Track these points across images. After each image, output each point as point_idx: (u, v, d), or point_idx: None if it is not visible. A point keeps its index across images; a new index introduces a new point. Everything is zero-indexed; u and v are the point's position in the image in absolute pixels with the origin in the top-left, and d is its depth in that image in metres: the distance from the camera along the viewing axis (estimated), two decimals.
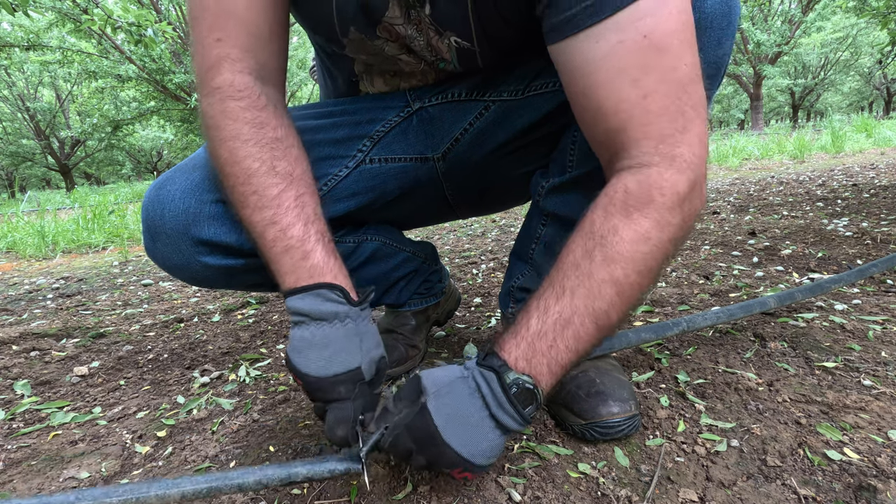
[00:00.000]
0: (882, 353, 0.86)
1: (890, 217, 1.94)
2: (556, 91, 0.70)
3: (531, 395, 0.52)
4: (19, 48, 9.91)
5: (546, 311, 0.53)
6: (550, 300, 0.54)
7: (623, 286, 0.52)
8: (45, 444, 0.78)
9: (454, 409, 0.53)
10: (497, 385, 0.52)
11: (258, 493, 0.62)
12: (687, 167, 0.52)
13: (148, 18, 3.06)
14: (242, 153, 0.59)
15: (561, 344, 0.52)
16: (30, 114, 16.88)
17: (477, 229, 2.70)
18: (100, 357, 1.15)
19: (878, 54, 14.96)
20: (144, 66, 9.48)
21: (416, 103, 0.79)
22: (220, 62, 0.60)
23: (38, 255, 2.96)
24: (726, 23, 0.57)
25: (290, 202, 0.59)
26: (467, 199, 0.91)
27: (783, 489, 0.57)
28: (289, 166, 0.61)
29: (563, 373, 0.54)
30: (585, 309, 0.52)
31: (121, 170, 24.86)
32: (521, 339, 0.53)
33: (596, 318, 0.52)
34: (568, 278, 0.53)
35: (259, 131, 0.60)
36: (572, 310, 0.52)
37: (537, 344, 0.53)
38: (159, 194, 0.68)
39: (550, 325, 0.52)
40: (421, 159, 0.81)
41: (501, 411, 0.52)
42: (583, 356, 0.54)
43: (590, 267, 0.52)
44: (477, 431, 0.52)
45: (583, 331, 0.52)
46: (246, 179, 0.59)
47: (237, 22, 0.60)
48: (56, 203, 7.50)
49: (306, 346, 0.58)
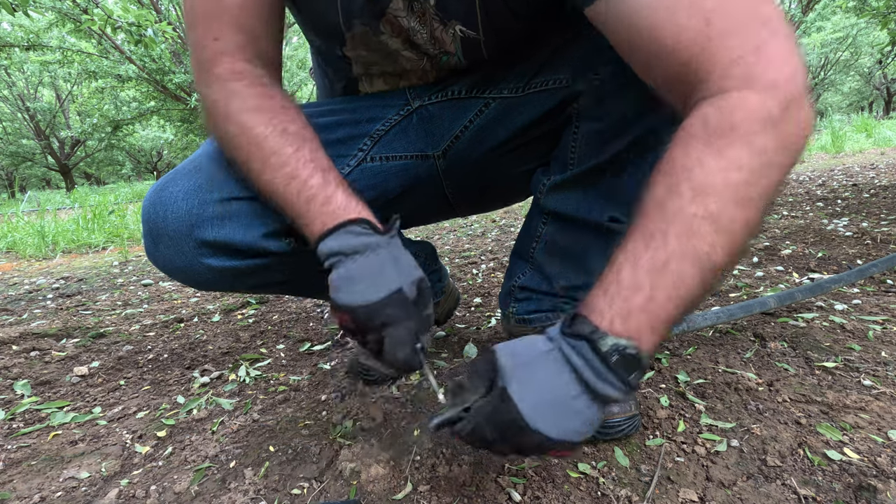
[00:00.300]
0: (882, 353, 0.86)
1: (890, 217, 1.94)
2: (557, 89, 0.70)
3: (635, 362, 0.46)
4: (19, 48, 9.91)
5: (637, 261, 0.47)
6: (639, 247, 0.47)
7: (721, 221, 0.45)
8: (45, 444, 0.78)
9: (542, 391, 0.47)
10: (592, 354, 0.46)
11: (258, 493, 0.62)
12: (771, 86, 0.45)
13: (148, 18, 3.06)
14: (253, 121, 0.61)
15: (661, 294, 0.45)
16: (30, 114, 16.88)
17: (477, 229, 2.70)
18: (100, 357, 1.15)
19: (878, 54, 14.96)
20: (144, 66, 9.48)
21: (415, 101, 0.79)
22: (218, 55, 0.63)
23: (38, 255, 2.96)
24: None
25: (307, 156, 0.61)
26: (467, 197, 0.91)
27: (783, 489, 0.57)
28: (297, 127, 0.63)
29: (666, 330, 0.47)
30: (682, 250, 0.45)
31: (121, 170, 24.86)
32: (614, 295, 0.47)
33: (696, 258, 0.45)
34: (654, 221, 0.47)
35: (265, 101, 0.63)
36: (667, 253, 0.45)
37: (633, 298, 0.46)
38: (160, 197, 0.68)
39: (645, 275, 0.46)
40: (421, 157, 0.81)
41: (602, 382, 0.46)
42: (688, 308, 0.47)
43: (678, 203, 0.46)
44: (571, 411, 0.47)
45: (684, 275, 0.45)
46: (261, 143, 0.61)
47: (232, 22, 0.63)
48: (56, 203, 7.50)
49: (345, 281, 0.57)
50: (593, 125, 0.69)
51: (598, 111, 0.67)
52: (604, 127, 0.67)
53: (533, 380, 0.47)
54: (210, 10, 0.63)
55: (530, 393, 0.47)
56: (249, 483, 0.64)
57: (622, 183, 0.70)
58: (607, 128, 0.67)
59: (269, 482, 0.64)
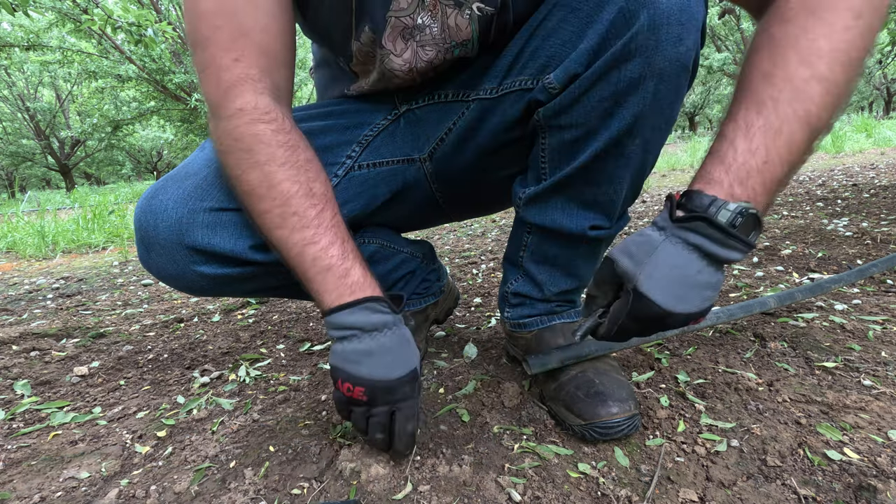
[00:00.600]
0: (882, 353, 0.86)
1: (890, 217, 1.94)
2: (524, 90, 0.67)
3: (755, 221, 0.49)
4: (19, 48, 9.91)
5: (749, 128, 0.49)
6: (751, 115, 0.50)
7: (830, 82, 0.48)
8: (45, 444, 0.78)
9: (671, 279, 0.51)
10: (711, 229, 0.49)
11: (258, 493, 0.62)
12: None
13: (148, 18, 3.06)
14: (280, 176, 0.59)
15: (775, 156, 0.48)
16: (30, 114, 16.88)
17: (477, 229, 2.70)
18: (100, 357, 1.15)
19: (878, 54, 14.96)
20: (144, 66, 9.48)
21: (403, 106, 0.79)
22: (241, 82, 0.59)
23: (38, 255, 2.96)
24: (686, 17, 0.55)
25: (328, 222, 0.61)
26: (457, 201, 0.90)
27: (783, 489, 0.57)
28: (322, 187, 0.62)
29: (778, 191, 0.51)
30: (794, 114, 0.48)
31: (121, 170, 24.86)
32: (731, 163, 0.50)
33: (808, 120, 0.48)
34: (763, 90, 0.50)
35: (292, 154, 0.61)
36: (780, 118, 0.48)
37: (750, 162, 0.49)
38: (151, 204, 0.67)
39: (760, 139, 0.49)
40: (408, 161, 0.81)
41: (725, 249, 0.49)
42: (795, 168, 0.51)
43: (787, 72, 0.48)
44: (699, 285, 0.51)
45: (796, 137, 0.48)
46: (285, 201, 0.60)
47: (253, 43, 0.59)
48: (56, 203, 7.50)
49: (366, 356, 0.60)
50: (559, 136, 0.66)
51: (559, 121, 0.64)
52: (569, 137, 0.65)
53: (659, 272, 0.51)
54: (227, 28, 0.58)
55: (660, 284, 0.51)
56: (249, 483, 0.64)
57: (599, 190, 0.68)
58: (573, 138, 0.65)
59: (269, 482, 0.64)
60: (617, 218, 0.74)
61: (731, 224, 0.48)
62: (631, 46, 0.55)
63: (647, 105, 0.59)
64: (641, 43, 0.55)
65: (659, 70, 0.56)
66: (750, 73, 0.52)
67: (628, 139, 0.62)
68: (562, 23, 0.61)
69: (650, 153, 0.67)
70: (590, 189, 0.69)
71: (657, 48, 0.55)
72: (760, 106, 0.49)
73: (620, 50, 0.56)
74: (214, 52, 0.59)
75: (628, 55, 0.56)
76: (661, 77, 0.57)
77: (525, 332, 0.84)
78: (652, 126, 0.62)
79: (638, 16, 0.54)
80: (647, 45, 0.55)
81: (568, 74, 0.61)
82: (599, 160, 0.65)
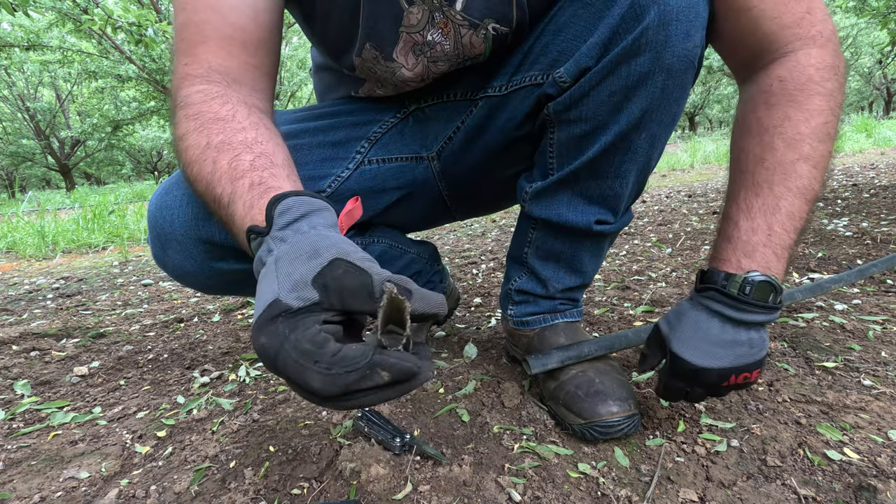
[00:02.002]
0: (882, 353, 0.86)
1: (890, 217, 1.94)
2: (534, 85, 0.68)
3: (767, 286, 0.55)
4: (19, 48, 9.90)
5: (750, 210, 0.57)
6: (750, 198, 0.57)
7: (814, 158, 0.56)
8: (45, 444, 0.78)
9: (696, 339, 0.58)
10: (723, 297, 0.57)
11: (258, 493, 0.62)
12: (826, 40, 0.56)
13: (148, 18, 3.06)
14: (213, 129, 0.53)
15: (778, 228, 0.56)
16: (30, 114, 16.87)
17: (477, 229, 2.70)
18: (100, 357, 1.15)
19: (878, 54, 14.95)
20: (144, 66, 9.47)
21: (412, 105, 0.79)
22: (190, 76, 0.57)
23: (38, 255, 2.96)
24: (694, 14, 0.56)
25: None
26: (463, 200, 0.90)
27: (783, 489, 0.57)
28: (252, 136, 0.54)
29: (789, 254, 0.57)
30: (788, 191, 0.56)
31: (121, 170, 24.85)
32: (736, 241, 0.57)
33: (802, 194, 0.56)
34: (758, 174, 0.57)
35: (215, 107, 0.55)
36: (776, 197, 0.56)
37: (753, 238, 0.56)
38: (166, 200, 0.66)
39: (761, 218, 0.56)
40: (416, 158, 0.81)
41: (740, 312, 0.56)
42: (802, 232, 0.58)
43: (776, 157, 0.56)
44: (728, 344, 0.57)
45: (794, 208, 0.56)
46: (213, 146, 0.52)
47: (210, 45, 0.57)
48: (56, 203, 7.50)
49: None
50: (568, 130, 0.66)
51: (569, 115, 0.65)
52: (578, 131, 0.65)
53: (686, 334, 0.59)
54: (193, 30, 0.57)
55: (688, 344, 0.59)
56: (249, 483, 0.64)
57: (605, 184, 0.69)
58: (582, 132, 0.65)
59: (269, 482, 0.64)
60: (622, 213, 0.75)
61: (742, 291, 0.56)
62: (641, 41, 0.57)
63: (656, 100, 0.60)
64: (651, 38, 0.56)
65: (667, 65, 0.58)
66: (744, 156, 0.59)
67: (636, 133, 0.63)
68: (573, 17, 0.62)
69: (656, 148, 0.67)
70: (596, 183, 0.69)
71: (666, 44, 0.56)
72: (757, 188, 0.57)
73: (631, 44, 0.57)
74: (175, 59, 0.59)
75: (638, 50, 0.57)
76: (669, 72, 0.58)
77: (528, 329, 0.84)
78: (659, 121, 0.63)
79: (648, 11, 0.55)
80: (657, 40, 0.56)
81: (579, 68, 0.62)
82: (607, 154, 0.66)
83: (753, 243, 0.56)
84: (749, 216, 0.57)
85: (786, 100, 0.56)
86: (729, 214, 0.59)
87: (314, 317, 0.35)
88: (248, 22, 0.59)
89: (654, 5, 0.55)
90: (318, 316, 0.35)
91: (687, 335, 0.59)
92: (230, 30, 0.58)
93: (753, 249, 0.56)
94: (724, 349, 0.57)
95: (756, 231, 0.56)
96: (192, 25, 0.58)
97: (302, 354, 0.33)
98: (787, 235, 0.56)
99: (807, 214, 0.57)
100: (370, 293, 0.36)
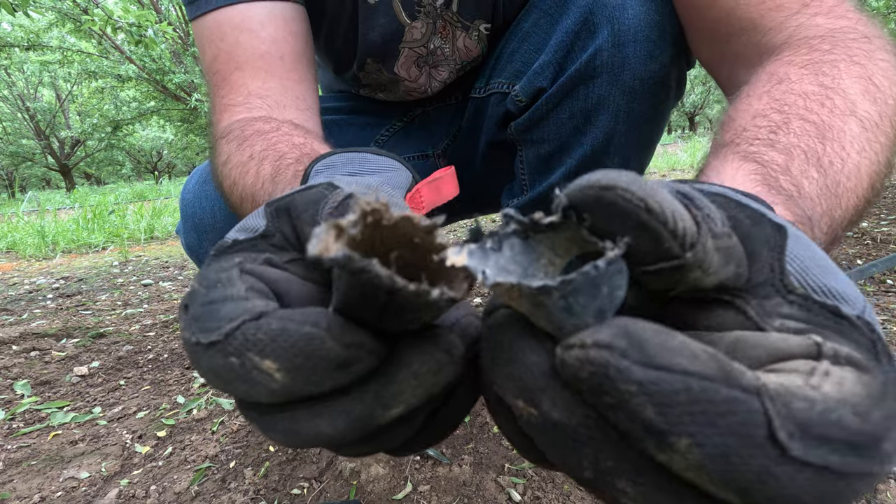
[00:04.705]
0: None
1: (890, 217, 1.94)
2: (501, 94, 0.66)
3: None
4: (19, 48, 9.92)
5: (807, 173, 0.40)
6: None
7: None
8: (45, 444, 0.78)
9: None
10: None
11: (258, 493, 0.62)
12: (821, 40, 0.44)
13: (148, 19, 3.07)
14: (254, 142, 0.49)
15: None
16: (30, 114, 16.88)
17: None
18: (100, 357, 1.15)
19: None
20: (144, 66, 9.48)
21: (417, 108, 0.81)
22: (223, 110, 0.55)
23: (38, 255, 2.96)
24: (657, 33, 0.51)
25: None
26: (467, 197, 0.91)
27: None
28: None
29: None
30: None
31: (121, 170, 24.87)
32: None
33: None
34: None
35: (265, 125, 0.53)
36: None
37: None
38: (206, 190, 0.63)
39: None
40: (422, 156, 0.82)
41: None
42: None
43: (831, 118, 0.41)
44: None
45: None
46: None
47: (246, 70, 0.55)
48: (56, 203, 7.50)
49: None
50: (534, 149, 0.64)
51: (531, 136, 0.63)
52: (544, 152, 0.63)
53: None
54: (226, 66, 0.55)
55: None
56: (249, 483, 0.64)
57: None
58: (547, 153, 0.63)
59: (269, 482, 0.64)
60: None
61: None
62: (595, 63, 0.52)
63: (621, 122, 0.56)
64: (606, 60, 0.52)
65: (629, 88, 0.53)
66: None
67: (605, 157, 0.60)
68: (534, 27, 0.60)
69: (632, 170, 0.65)
70: None
71: (624, 66, 0.52)
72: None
73: (585, 66, 0.53)
74: (213, 94, 0.56)
75: (593, 72, 0.53)
76: (632, 95, 0.54)
77: None
78: (629, 143, 0.59)
79: (600, 30, 0.51)
80: (613, 62, 0.52)
81: (533, 87, 0.59)
82: (576, 177, 0.63)
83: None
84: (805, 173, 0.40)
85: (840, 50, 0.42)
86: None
87: (246, 254, 0.23)
88: (282, 33, 0.55)
89: (606, 24, 0.51)
90: (250, 254, 0.23)
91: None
92: (265, 45, 0.55)
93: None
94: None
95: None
96: (222, 55, 0.55)
97: (185, 298, 0.20)
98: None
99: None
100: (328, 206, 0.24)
